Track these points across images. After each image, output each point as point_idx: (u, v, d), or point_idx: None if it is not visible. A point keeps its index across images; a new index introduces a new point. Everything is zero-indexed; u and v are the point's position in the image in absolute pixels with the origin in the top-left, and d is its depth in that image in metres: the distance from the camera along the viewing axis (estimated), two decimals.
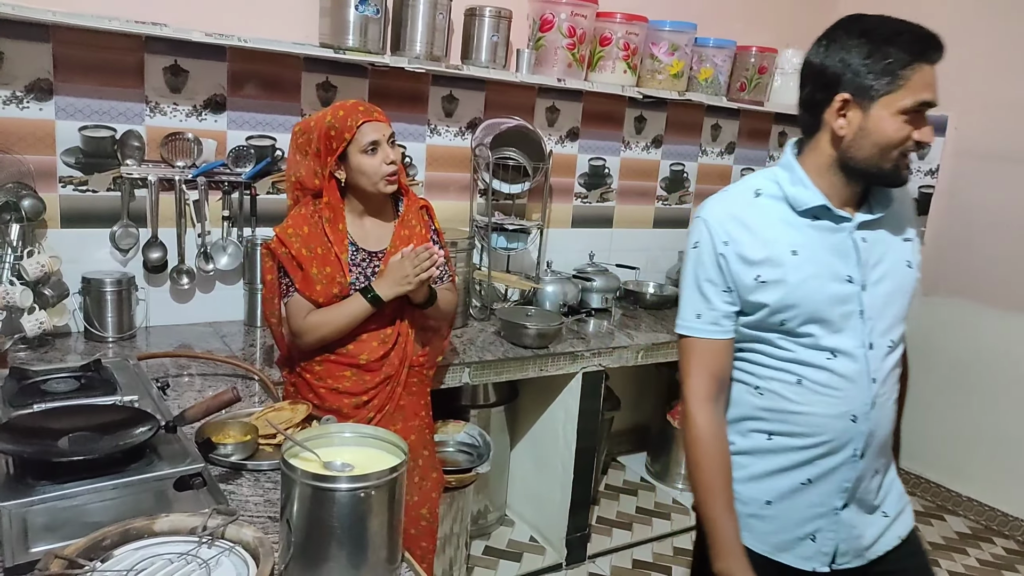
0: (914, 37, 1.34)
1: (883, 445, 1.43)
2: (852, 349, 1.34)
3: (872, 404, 1.35)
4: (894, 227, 1.39)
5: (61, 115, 2.24)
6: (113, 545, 1.07)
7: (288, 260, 1.89)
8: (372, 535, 1.10)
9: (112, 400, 1.60)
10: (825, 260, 1.33)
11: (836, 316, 1.33)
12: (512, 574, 2.77)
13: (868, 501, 1.44)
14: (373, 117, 1.86)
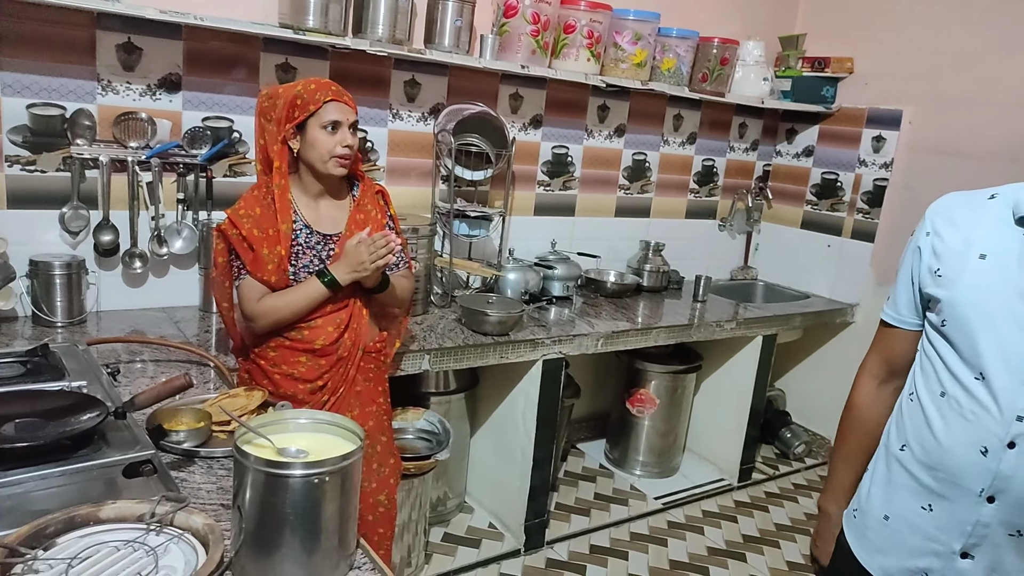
0: None
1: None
2: (1004, 376, 1.18)
3: (1011, 443, 1.18)
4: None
5: (8, 92, 2.17)
6: (57, 533, 1.05)
7: (239, 241, 1.86)
8: (326, 522, 1.09)
9: (60, 386, 1.56)
10: (1014, 275, 1.18)
11: (1002, 335, 1.19)
12: (471, 560, 2.78)
13: (1007, 565, 1.24)
14: (341, 99, 1.86)
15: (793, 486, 3.71)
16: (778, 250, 4.15)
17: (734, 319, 3.29)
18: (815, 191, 3.97)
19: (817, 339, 3.95)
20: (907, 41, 3.53)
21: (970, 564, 1.26)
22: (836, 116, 3.85)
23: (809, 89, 3.77)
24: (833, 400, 3.95)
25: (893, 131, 3.60)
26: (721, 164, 3.99)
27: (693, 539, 3.12)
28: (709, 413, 3.72)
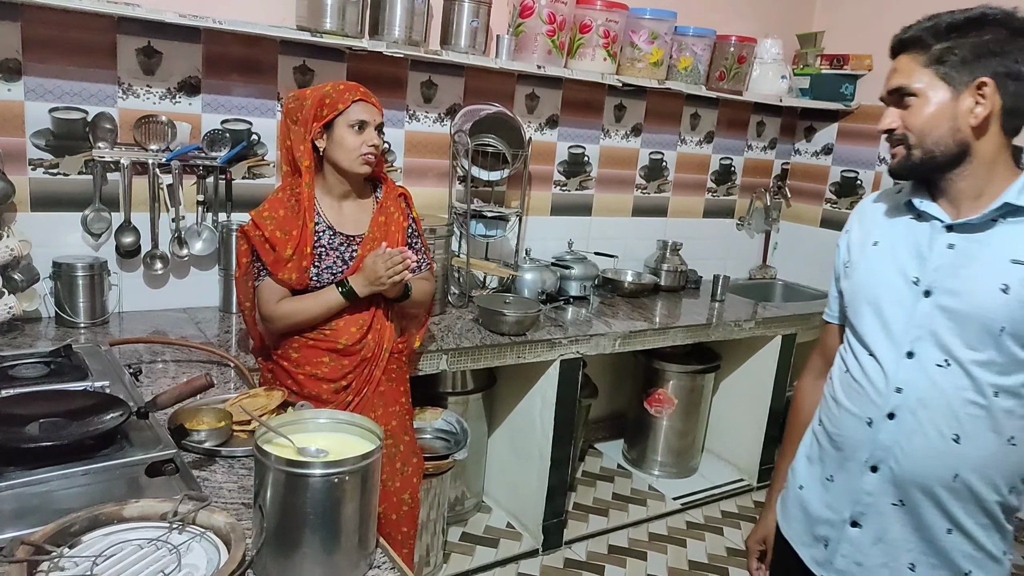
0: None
1: (918, 478, 1.25)
2: (887, 351, 1.27)
3: (890, 415, 1.26)
4: (1010, 245, 1.18)
5: (31, 96, 2.20)
6: (81, 531, 1.06)
7: (261, 243, 1.88)
8: (346, 521, 1.10)
9: (83, 386, 1.58)
10: (902, 257, 1.27)
11: (885, 313, 1.27)
12: (489, 560, 2.78)
13: (891, 536, 1.30)
14: (369, 100, 1.89)
15: None
16: (797, 249, 4.11)
17: (753, 319, 3.27)
18: (834, 189, 3.93)
19: None
20: None
21: (858, 533, 1.32)
22: (855, 114, 3.81)
23: (828, 87, 3.74)
24: None
25: None
26: (739, 163, 3.97)
27: (712, 540, 3.10)
28: (728, 413, 3.70)
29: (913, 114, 1.22)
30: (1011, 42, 1.16)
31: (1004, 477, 1.23)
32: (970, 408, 1.20)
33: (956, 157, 1.21)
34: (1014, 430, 1.20)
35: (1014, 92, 1.17)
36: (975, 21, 1.18)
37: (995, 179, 1.21)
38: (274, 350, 1.99)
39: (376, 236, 1.95)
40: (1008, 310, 1.16)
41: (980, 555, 1.27)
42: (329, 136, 1.87)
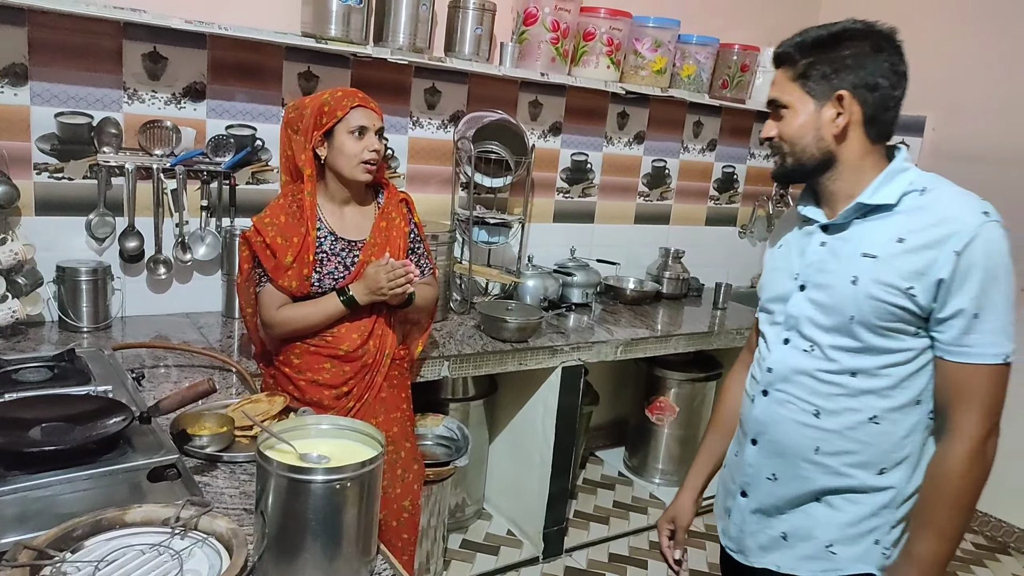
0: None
1: (786, 452, 1.36)
2: (771, 338, 1.41)
3: (764, 392, 1.40)
4: (867, 241, 1.29)
5: (36, 100, 2.21)
6: (84, 536, 1.07)
7: (262, 249, 1.88)
8: (347, 527, 1.10)
9: (86, 390, 1.58)
10: (791, 256, 1.41)
11: (775, 308, 1.42)
12: (489, 567, 2.78)
13: (766, 506, 1.42)
14: (368, 105, 1.89)
15: None
16: None
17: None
18: None
19: None
20: (929, 47, 3.49)
21: (745, 502, 1.46)
22: None
23: None
24: None
25: (916, 137, 3.56)
26: (741, 171, 3.97)
27: (713, 548, 3.09)
28: None
29: (785, 125, 1.32)
30: (869, 56, 1.25)
31: (869, 456, 1.31)
32: (829, 387, 1.32)
33: (823, 163, 1.31)
34: (876, 410, 1.29)
35: (873, 102, 1.26)
36: (837, 36, 1.27)
37: (863, 181, 1.30)
38: (275, 356, 1.99)
39: (377, 241, 1.96)
40: (855, 301, 1.27)
41: (844, 532, 1.34)
42: (330, 144, 1.87)
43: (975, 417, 1.24)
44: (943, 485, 1.27)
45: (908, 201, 1.27)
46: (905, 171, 1.30)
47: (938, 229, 1.22)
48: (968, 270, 1.20)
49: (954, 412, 1.26)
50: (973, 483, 1.26)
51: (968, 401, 1.24)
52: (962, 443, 1.25)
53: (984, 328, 1.21)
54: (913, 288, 1.23)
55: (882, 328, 1.26)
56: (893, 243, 1.25)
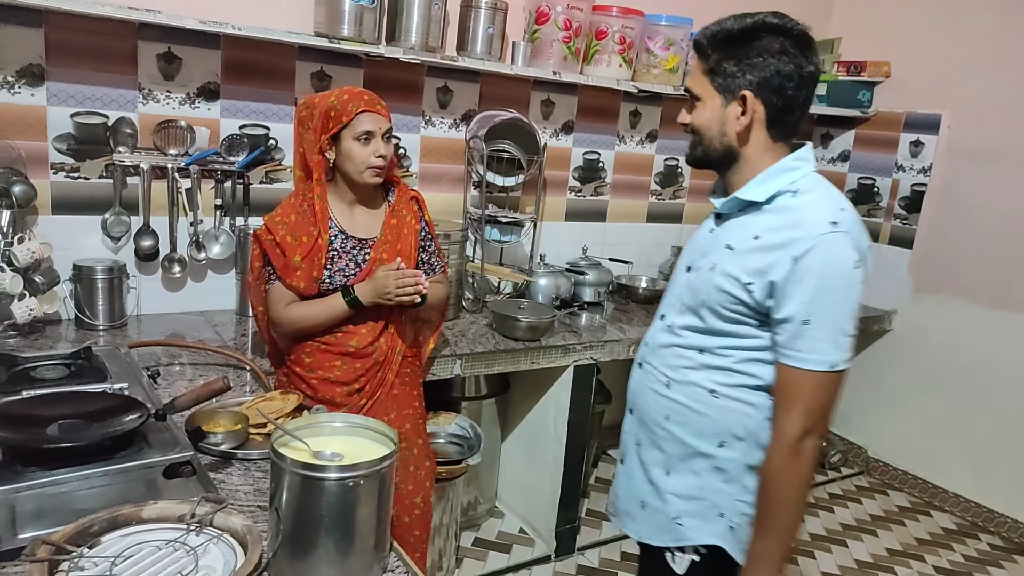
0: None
1: (645, 420, 1.47)
2: (657, 313, 1.51)
3: (639, 365, 1.52)
4: (734, 233, 1.36)
5: (53, 101, 2.23)
6: (101, 531, 1.08)
7: (271, 247, 1.89)
8: (360, 524, 1.11)
9: (102, 388, 1.60)
10: (693, 239, 1.50)
11: (668, 286, 1.52)
12: (501, 565, 2.78)
13: (632, 471, 1.52)
14: (374, 108, 1.87)
15: (828, 495, 3.65)
16: None
17: None
18: (851, 196, 3.91)
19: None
20: (945, 44, 3.46)
21: (622, 468, 1.56)
22: (873, 121, 3.79)
23: (845, 93, 3.72)
24: (870, 409, 3.90)
25: (932, 136, 3.54)
26: None
27: None
28: None
29: (697, 115, 1.37)
30: (776, 57, 1.27)
31: (709, 427, 1.38)
32: (679, 360, 1.41)
33: (726, 157, 1.36)
34: (716, 385, 1.37)
35: (776, 104, 1.29)
36: (748, 34, 1.29)
37: (757, 175, 1.34)
38: (287, 355, 2.00)
39: (388, 239, 1.96)
40: (707, 286, 1.35)
41: (689, 504, 1.41)
42: (337, 148, 1.88)
43: (793, 418, 1.27)
44: (764, 482, 1.33)
45: (780, 200, 1.31)
46: (791, 170, 1.32)
47: (788, 232, 1.26)
48: (802, 277, 1.23)
49: (778, 411, 1.31)
50: (790, 481, 1.29)
51: (789, 401, 1.29)
52: (779, 442, 1.29)
53: (813, 335, 1.24)
54: (752, 284, 1.29)
55: (724, 315, 1.34)
56: (750, 239, 1.31)
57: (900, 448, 3.77)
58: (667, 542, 1.44)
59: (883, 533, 3.33)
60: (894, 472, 3.80)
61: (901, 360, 3.72)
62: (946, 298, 3.53)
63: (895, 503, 3.63)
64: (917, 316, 3.65)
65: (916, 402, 3.66)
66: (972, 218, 3.43)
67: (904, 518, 3.49)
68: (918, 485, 3.70)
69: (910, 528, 3.40)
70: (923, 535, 3.35)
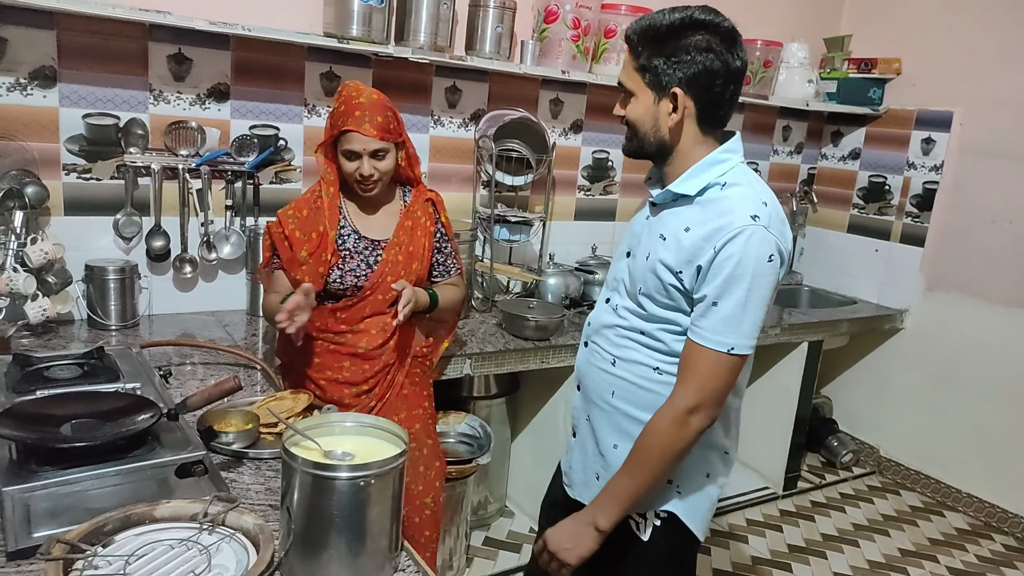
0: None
1: (593, 396, 1.54)
2: (601, 295, 1.59)
3: (585, 344, 1.59)
4: (667, 224, 1.42)
5: (65, 102, 2.24)
6: (114, 530, 1.08)
7: (280, 239, 1.91)
8: (371, 524, 1.11)
9: (115, 387, 1.61)
10: (632, 225, 1.56)
11: (610, 269, 1.58)
12: (512, 565, 2.78)
13: (585, 445, 1.59)
14: (359, 128, 1.83)
15: (840, 495, 3.63)
16: (824, 254, 4.07)
17: (778, 325, 3.24)
18: (862, 194, 3.89)
19: (865, 346, 3.86)
20: (957, 41, 3.44)
21: (573, 440, 1.64)
22: (884, 118, 3.77)
23: (855, 91, 3.70)
24: (882, 408, 3.88)
25: (943, 133, 3.51)
26: (764, 167, 3.94)
27: (736, 548, 3.07)
28: (752, 420, 3.63)
29: (631, 110, 1.42)
30: (704, 54, 1.31)
31: (652, 401, 1.43)
32: (624, 340, 1.48)
33: (660, 150, 1.41)
34: (659, 362, 1.44)
35: (706, 99, 1.35)
36: (676, 30, 1.32)
37: (688, 168, 1.39)
38: (296, 355, 2.01)
39: (402, 240, 1.97)
40: (643, 274, 1.42)
41: None
42: (336, 154, 1.91)
43: (687, 391, 1.36)
44: (644, 435, 1.41)
45: (709, 193, 1.38)
46: (720, 163, 1.38)
47: (714, 223, 1.33)
48: (722, 264, 1.31)
49: (676, 381, 1.40)
50: (667, 445, 1.38)
51: (686, 374, 1.37)
52: (669, 408, 1.38)
53: (717, 316, 1.33)
54: (682, 272, 1.36)
55: (658, 301, 1.41)
56: (681, 230, 1.37)
57: (912, 447, 3.75)
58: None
59: (895, 533, 3.32)
60: (906, 472, 3.78)
61: (913, 359, 3.70)
62: (958, 296, 3.51)
63: (907, 503, 3.61)
64: (929, 315, 3.63)
65: (928, 401, 3.63)
66: (985, 216, 3.41)
67: (916, 518, 3.47)
68: (931, 485, 3.68)
69: (923, 528, 3.39)
70: (936, 535, 3.33)
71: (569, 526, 1.47)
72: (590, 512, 1.45)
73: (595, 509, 1.45)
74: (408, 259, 1.96)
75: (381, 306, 1.94)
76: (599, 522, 1.43)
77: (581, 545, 1.44)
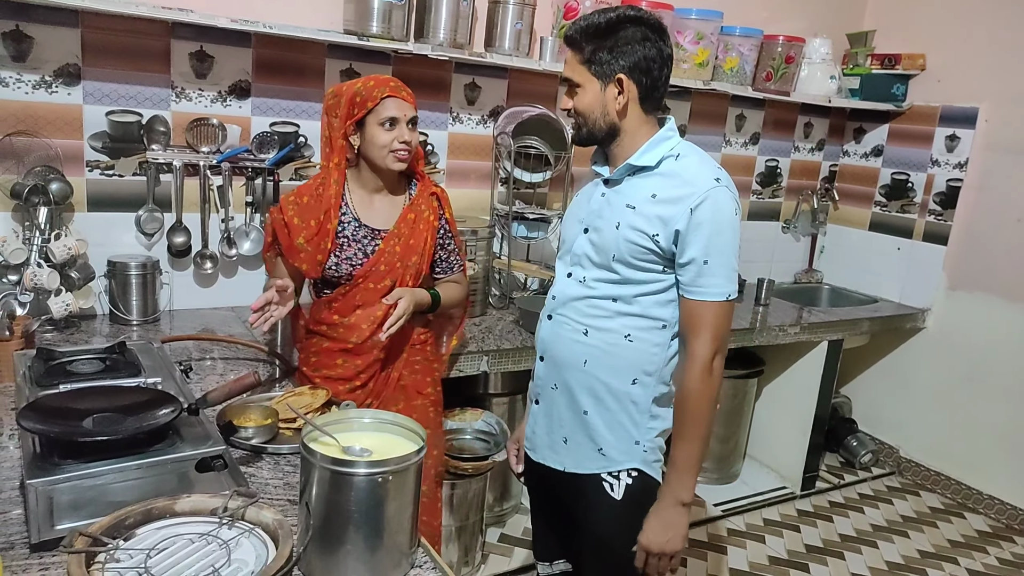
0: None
1: (562, 365, 1.63)
2: (559, 271, 1.68)
3: (549, 317, 1.67)
4: (631, 194, 1.55)
5: (89, 100, 2.27)
6: (135, 524, 1.09)
7: (280, 226, 1.92)
8: (389, 520, 1.11)
9: (136, 382, 1.62)
10: (582, 204, 1.66)
11: (565, 246, 1.68)
12: (527, 561, 2.78)
13: (551, 412, 1.68)
14: (399, 94, 1.86)
15: (859, 496, 3.60)
16: (845, 253, 4.03)
17: (798, 323, 3.22)
18: (884, 192, 3.85)
19: (886, 345, 3.82)
20: (983, 35, 3.39)
21: (537, 408, 1.73)
22: (907, 114, 3.72)
23: (878, 87, 3.66)
24: (903, 409, 3.84)
25: (968, 130, 3.46)
26: (785, 164, 3.90)
27: (754, 548, 3.06)
28: (771, 419, 3.64)
29: (579, 101, 1.55)
30: (640, 43, 1.48)
31: (626, 368, 1.58)
32: (595, 310, 1.59)
33: (609, 133, 1.55)
34: (630, 329, 1.57)
35: (646, 82, 1.51)
36: (613, 26, 1.49)
37: (636, 145, 1.55)
38: (300, 353, 2.02)
39: (403, 232, 1.93)
40: (616, 242, 1.53)
41: (607, 436, 1.61)
42: (362, 133, 1.87)
43: (704, 342, 1.51)
44: (684, 401, 1.55)
45: (665, 164, 1.54)
46: (668, 139, 1.56)
47: (680, 189, 1.49)
48: (699, 224, 1.47)
49: (690, 340, 1.53)
50: (706, 395, 1.52)
51: (698, 329, 1.52)
52: (694, 363, 1.52)
53: (711, 272, 1.48)
54: (658, 235, 1.49)
55: (635, 265, 1.53)
56: (648, 198, 1.52)
57: (933, 448, 3.71)
58: (594, 469, 1.63)
59: (915, 535, 3.28)
60: (926, 472, 3.73)
61: (935, 358, 3.65)
62: (982, 296, 3.46)
63: (927, 504, 3.57)
64: (952, 314, 3.58)
65: (950, 401, 3.59)
66: (1010, 214, 3.36)
67: (937, 519, 3.44)
68: (951, 486, 3.63)
69: (943, 530, 3.35)
70: (956, 537, 3.29)
71: (657, 522, 1.56)
72: (669, 495, 1.56)
73: (672, 489, 1.56)
74: (407, 251, 1.93)
75: (372, 296, 1.91)
76: (682, 497, 1.55)
77: (678, 527, 1.55)
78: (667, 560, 1.57)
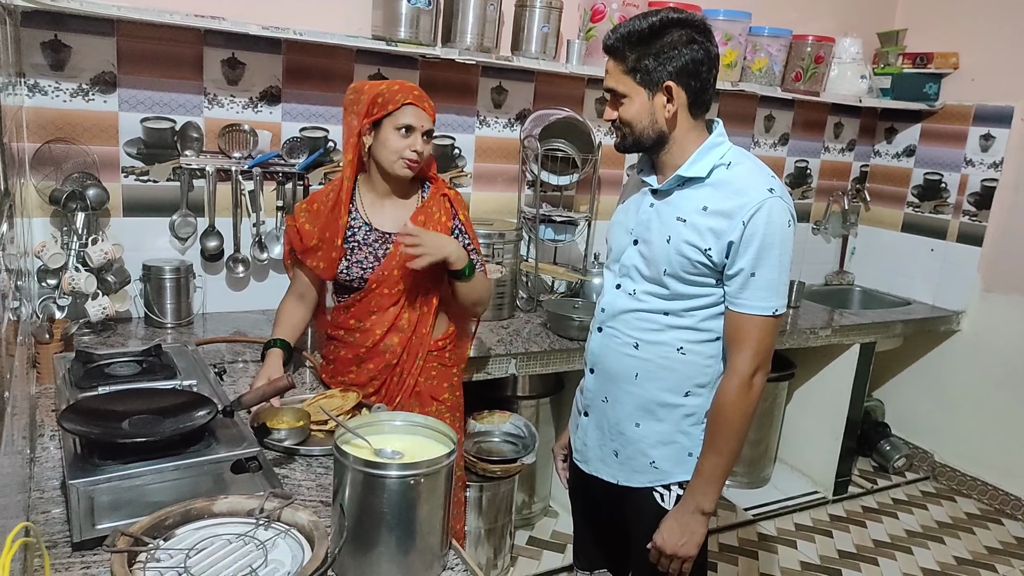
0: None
1: (613, 378, 1.61)
2: (607, 283, 1.65)
3: (600, 329, 1.64)
4: (681, 206, 1.50)
5: (124, 107, 2.31)
6: (175, 524, 1.11)
7: (293, 233, 1.94)
8: (421, 522, 1.12)
9: (172, 384, 1.65)
10: (630, 213, 1.61)
11: (613, 256, 1.64)
12: (555, 565, 2.78)
13: (602, 424, 1.66)
14: (421, 104, 1.86)
15: (892, 501, 3.55)
16: (876, 254, 3.98)
17: (829, 326, 3.18)
18: (917, 192, 3.79)
19: (920, 348, 3.76)
20: (1017, 33, 3.32)
21: (586, 420, 1.71)
22: (940, 114, 3.66)
23: (910, 86, 3.60)
24: (937, 412, 3.78)
25: (1003, 129, 3.40)
26: (815, 165, 3.86)
27: (785, 553, 3.02)
28: (802, 423, 3.60)
29: (624, 111, 1.50)
30: (687, 46, 1.42)
31: (679, 381, 1.55)
32: (646, 323, 1.56)
33: (658, 141, 1.50)
34: (682, 342, 1.54)
35: (694, 87, 1.46)
36: (657, 31, 1.43)
37: (686, 153, 1.50)
38: (321, 360, 2.04)
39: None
40: (667, 256, 1.50)
41: (660, 449, 1.58)
42: (376, 134, 1.86)
43: (745, 357, 1.47)
44: (717, 411, 1.51)
45: (716, 174, 1.49)
46: (718, 145, 1.51)
47: (733, 200, 1.44)
48: (751, 236, 1.42)
49: (730, 352, 1.50)
50: (742, 411, 1.49)
51: (740, 343, 1.48)
52: (733, 378, 1.48)
53: (757, 285, 1.44)
54: (710, 249, 1.45)
55: (687, 280, 1.49)
56: (700, 210, 1.47)
57: (969, 453, 3.64)
58: (646, 483, 1.61)
59: (951, 541, 3.22)
60: (962, 478, 3.67)
61: (970, 362, 3.59)
62: (1018, 298, 3.39)
63: (963, 510, 3.51)
64: (987, 316, 3.52)
65: (986, 405, 3.52)
66: None
67: (973, 525, 3.37)
68: (988, 492, 3.56)
69: (979, 536, 3.28)
70: (993, 544, 3.23)
71: (675, 523, 1.55)
72: (691, 501, 1.54)
73: (695, 497, 1.53)
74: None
75: (387, 302, 1.91)
76: (704, 506, 1.53)
77: (695, 533, 1.54)
78: (679, 563, 1.56)
